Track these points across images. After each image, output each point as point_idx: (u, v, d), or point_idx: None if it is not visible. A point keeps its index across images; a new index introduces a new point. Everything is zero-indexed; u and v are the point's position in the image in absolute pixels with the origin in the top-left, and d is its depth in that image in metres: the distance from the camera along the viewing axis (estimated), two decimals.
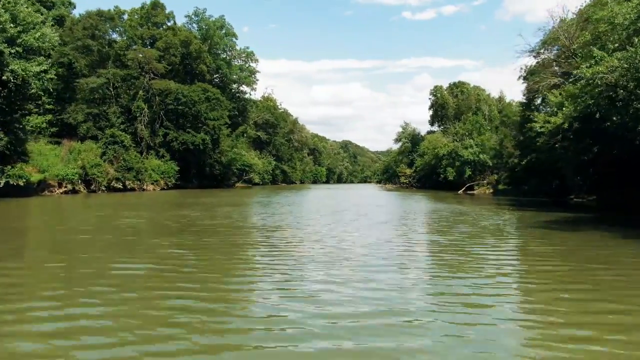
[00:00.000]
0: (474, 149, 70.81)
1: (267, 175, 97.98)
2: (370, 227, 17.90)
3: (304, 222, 19.26)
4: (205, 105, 58.53)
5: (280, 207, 28.67)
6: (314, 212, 25.25)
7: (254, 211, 25.61)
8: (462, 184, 70.91)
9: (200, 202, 32.84)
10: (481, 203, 36.88)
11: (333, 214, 24.18)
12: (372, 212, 25.70)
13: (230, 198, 38.21)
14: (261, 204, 31.81)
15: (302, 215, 22.87)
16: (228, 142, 65.98)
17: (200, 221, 18.91)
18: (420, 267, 10.23)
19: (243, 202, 32.58)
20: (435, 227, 18.24)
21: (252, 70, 72.71)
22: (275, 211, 24.79)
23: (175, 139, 56.95)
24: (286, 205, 30.35)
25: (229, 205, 29.11)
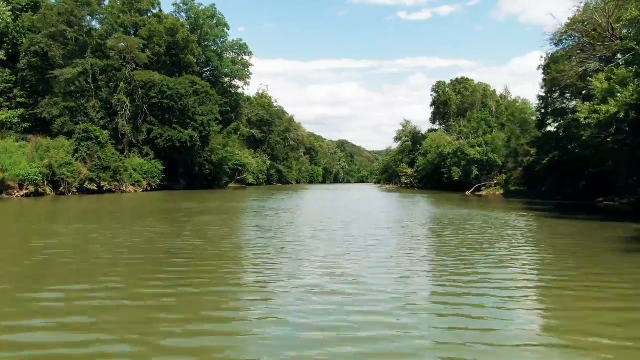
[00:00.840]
0: (482, 148, 65.45)
1: (262, 176, 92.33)
2: (394, 260, 12.42)
3: (307, 247, 13.70)
4: (194, 99, 52.88)
5: (273, 216, 23.14)
6: (316, 224, 19.74)
7: (241, 223, 20.07)
8: (468, 184, 65.63)
9: (181, 207, 27.24)
10: (500, 208, 31.49)
11: (340, 228, 18.67)
12: (383, 225, 20.24)
13: (218, 202, 32.62)
14: (252, 211, 26.27)
15: (303, 232, 17.33)
16: (219, 139, 60.29)
17: (156, 243, 13.34)
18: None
19: (230, 209, 27.01)
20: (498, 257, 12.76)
21: (246, 63, 67.19)
22: (266, 224, 19.24)
23: (160, 136, 51.25)
24: (281, 213, 24.84)
25: (212, 213, 23.53)
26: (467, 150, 66.09)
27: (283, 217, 22.13)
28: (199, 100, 53.86)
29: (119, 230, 16.11)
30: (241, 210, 26.07)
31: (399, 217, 23.24)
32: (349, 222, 19.88)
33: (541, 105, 48.04)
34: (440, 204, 35.57)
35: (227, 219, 21.03)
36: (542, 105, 47.58)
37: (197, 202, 32.30)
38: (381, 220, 21.04)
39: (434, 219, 22.04)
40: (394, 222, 20.72)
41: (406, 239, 15.07)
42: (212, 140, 58.56)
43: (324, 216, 23.21)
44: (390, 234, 16.38)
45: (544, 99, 47.38)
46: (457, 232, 16.66)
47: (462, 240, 14.59)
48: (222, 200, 36.04)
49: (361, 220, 21.21)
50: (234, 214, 23.98)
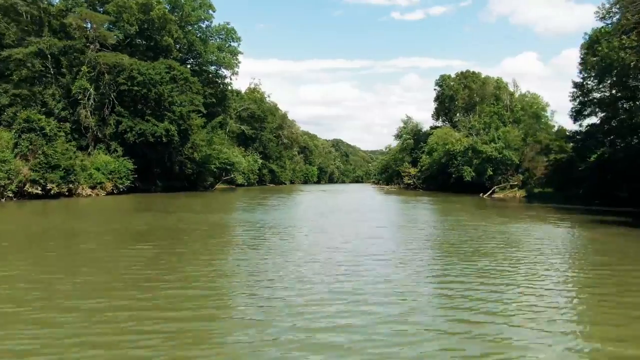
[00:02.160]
0: (497, 144, 57.45)
1: (253, 175, 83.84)
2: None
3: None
4: (170, 87, 44.36)
5: (261, 236, 14.87)
6: (320, 248, 11.53)
7: (203, 268, 11.71)
8: (479, 185, 57.72)
9: (131, 222, 18.89)
10: (543, 218, 23.37)
11: (350, 250, 10.32)
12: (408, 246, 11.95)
13: (189, 212, 24.28)
14: (231, 231, 17.94)
15: (304, 261, 9.02)
16: (202, 134, 51.81)
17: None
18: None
19: (201, 223, 18.71)
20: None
21: (233, 50, 58.60)
22: (252, 267, 10.88)
23: (129, 129, 42.67)
24: (274, 236, 16.52)
25: (165, 237, 15.19)
26: (479, 147, 58.06)
27: (276, 247, 13.81)
28: (177, 88, 45.34)
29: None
30: (216, 229, 17.67)
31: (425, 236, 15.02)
32: (361, 242, 11.63)
33: (577, 93, 40.15)
34: (462, 213, 27.46)
35: (184, 252, 12.69)
36: (579, 93, 39.69)
37: (162, 212, 23.93)
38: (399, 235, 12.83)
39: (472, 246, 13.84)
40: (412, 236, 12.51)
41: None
42: (194, 136, 50.00)
43: (339, 248, 14.95)
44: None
45: (580, 86, 39.57)
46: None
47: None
48: (199, 207, 27.68)
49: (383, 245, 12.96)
50: (201, 238, 15.61)
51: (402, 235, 16.74)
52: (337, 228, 17.35)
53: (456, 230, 17.48)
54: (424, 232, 17.24)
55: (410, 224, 20.30)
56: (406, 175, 75.11)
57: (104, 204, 31.06)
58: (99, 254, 11.82)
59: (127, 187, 42.14)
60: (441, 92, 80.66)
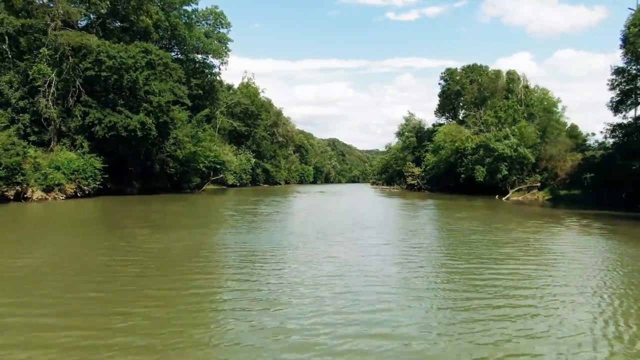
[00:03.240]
0: (511, 141, 51.34)
1: (246, 175, 77.38)
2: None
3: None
4: (147, 73, 37.85)
5: (234, 292, 8.43)
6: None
7: None
8: (493, 186, 51.64)
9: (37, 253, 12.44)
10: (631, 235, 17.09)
11: None
12: None
13: (146, 228, 17.87)
14: (194, 259, 11.49)
15: None
16: (187, 129, 45.36)
17: None
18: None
19: (140, 254, 12.22)
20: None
21: (223, 37, 52.10)
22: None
23: (98, 122, 36.13)
24: (255, 272, 10.11)
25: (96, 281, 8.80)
26: (492, 144, 51.91)
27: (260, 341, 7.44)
28: (154, 75, 38.83)
29: None
30: (154, 271, 11.15)
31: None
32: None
33: (618, 80, 34.10)
34: (525, 224, 21.18)
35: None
36: (621, 80, 33.68)
37: (107, 227, 17.52)
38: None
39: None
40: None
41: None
42: (176, 131, 43.52)
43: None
44: None
45: (621, 72, 33.59)
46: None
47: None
48: (167, 218, 21.30)
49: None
50: (101, 303, 9.19)
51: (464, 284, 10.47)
52: (358, 273, 10.76)
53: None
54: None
55: (469, 258, 14.01)
56: (409, 176, 68.90)
57: (48, 211, 24.55)
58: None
59: (97, 189, 35.64)
60: (446, 87, 74.56)
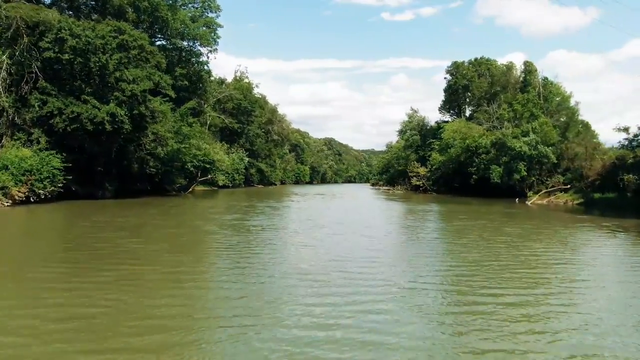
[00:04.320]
0: (531, 138, 45.67)
1: (239, 176, 71.17)
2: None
3: None
4: (119, 57, 31.72)
5: None
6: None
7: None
8: (509, 187, 46.09)
9: None
10: None
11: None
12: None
13: (63, 265, 11.76)
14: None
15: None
16: (169, 123, 39.23)
17: None
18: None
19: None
20: None
21: (211, 22, 45.97)
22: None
23: (58, 112, 29.96)
24: None
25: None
26: (510, 142, 46.23)
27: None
28: (128, 59, 32.68)
29: None
30: None
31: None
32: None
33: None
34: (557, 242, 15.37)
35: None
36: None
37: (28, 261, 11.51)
38: None
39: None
40: None
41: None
42: (156, 125, 37.38)
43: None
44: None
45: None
46: None
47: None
48: (127, 236, 15.27)
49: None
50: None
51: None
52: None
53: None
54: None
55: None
56: (414, 176, 63.11)
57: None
58: None
59: (57, 193, 29.46)
60: (453, 81, 68.79)
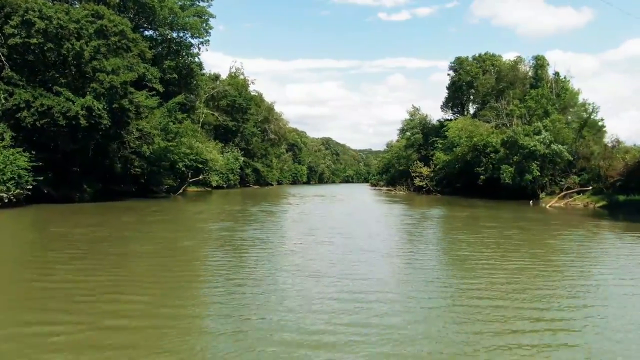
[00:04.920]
0: (544, 135, 42.31)
1: (234, 176, 67.66)
2: None
3: None
4: (96, 44, 28.16)
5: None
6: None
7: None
8: (521, 188, 42.79)
9: None
10: None
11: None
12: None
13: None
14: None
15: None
16: (155, 120, 35.62)
17: None
18: None
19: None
20: None
21: (202, 11, 42.37)
22: None
23: (26, 105, 26.37)
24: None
25: None
26: (522, 140, 42.83)
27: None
28: (107, 46, 29.07)
29: None
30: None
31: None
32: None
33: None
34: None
35: None
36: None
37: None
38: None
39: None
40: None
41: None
42: (141, 121, 33.79)
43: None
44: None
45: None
46: None
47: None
48: (57, 268, 11.75)
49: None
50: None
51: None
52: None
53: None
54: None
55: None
56: (417, 177, 59.72)
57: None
58: None
59: (25, 196, 25.88)
60: (456, 78, 65.49)
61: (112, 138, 32.42)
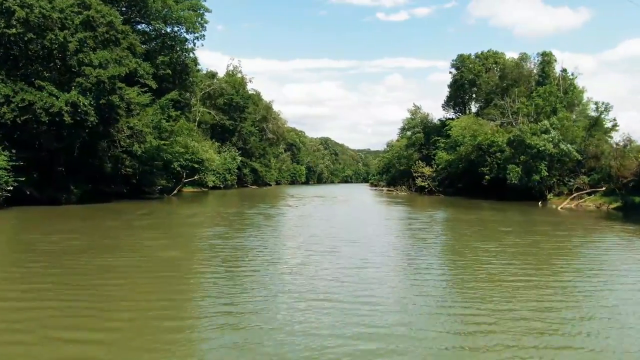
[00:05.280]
0: (553, 134, 40.45)
1: (231, 176, 65.71)
2: None
3: None
4: (83, 36, 26.20)
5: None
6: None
7: None
8: (528, 189, 41.02)
9: None
10: None
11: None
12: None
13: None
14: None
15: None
16: (147, 117, 33.61)
17: None
18: None
19: None
20: None
21: (197, 4, 40.37)
22: None
23: (6, 100, 24.39)
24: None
25: None
26: (529, 139, 40.93)
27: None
28: (94, 38, 27.08)
29: None
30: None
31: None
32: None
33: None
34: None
35: None
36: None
37: None
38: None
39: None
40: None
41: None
42: (132, 119, 31.83)
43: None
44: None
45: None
46: None
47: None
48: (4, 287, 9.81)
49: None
50: None
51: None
52: None
53: None
54: None
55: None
56: (419, 177, 57.86)
57: None
58: None
59: (4, 198, 23.91)
60: (458, 76, 63.60)
61: (100, 136, 30.47)
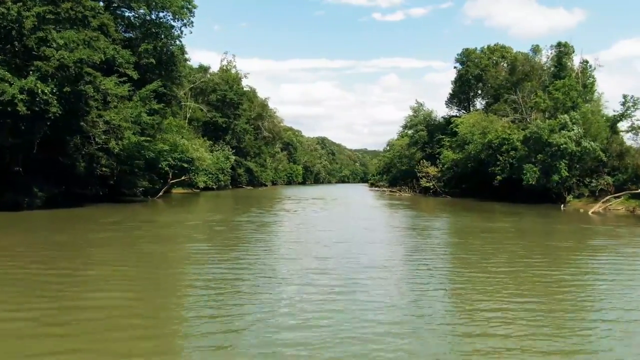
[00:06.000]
0: (574, 131, 36.43)
1: (224, 176, 61.46)
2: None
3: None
4: (42, 10, 21.93)
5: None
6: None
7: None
8: (545, 190, 37.19)
9: None
10: None
11: None
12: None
13: None
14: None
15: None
16: (126, 111, 29.27)
17: None
18: None
19: None
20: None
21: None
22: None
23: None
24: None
25: None
26: (547, 136, 36.89)
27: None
28: (55, 14, 22.78)
29: None
30: None
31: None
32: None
33: None
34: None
35: None
36: None
37: None
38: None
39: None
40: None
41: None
42: (109, 112, 27.55)
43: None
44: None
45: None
46: None
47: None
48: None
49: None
50: None
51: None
52: None
53: None
54: None
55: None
56: (424, 177, 53.84)
57: None
58: None
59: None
60: (464, 71, 59.64)
61: (69, 131, 26.17)
